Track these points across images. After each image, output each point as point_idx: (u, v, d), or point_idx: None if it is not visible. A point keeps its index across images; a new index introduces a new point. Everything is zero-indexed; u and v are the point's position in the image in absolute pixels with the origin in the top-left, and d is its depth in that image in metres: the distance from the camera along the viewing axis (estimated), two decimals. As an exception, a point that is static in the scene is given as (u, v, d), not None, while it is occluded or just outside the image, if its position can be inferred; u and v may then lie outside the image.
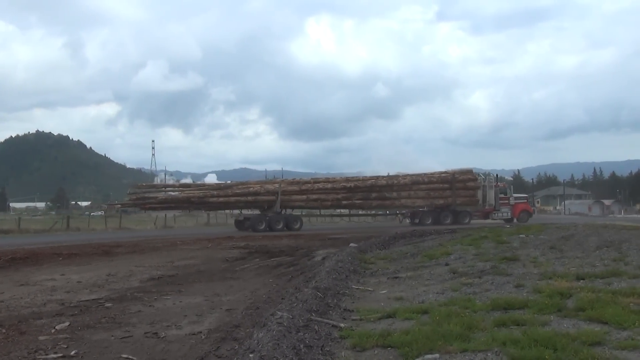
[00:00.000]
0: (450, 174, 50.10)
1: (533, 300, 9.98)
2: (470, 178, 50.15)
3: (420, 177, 50.13)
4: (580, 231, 24.11)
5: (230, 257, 22.73)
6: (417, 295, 11.61)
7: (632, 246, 17.77)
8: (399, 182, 48.93)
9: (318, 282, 12.80)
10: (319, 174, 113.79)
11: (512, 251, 18.62)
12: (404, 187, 48.62)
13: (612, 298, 9.76)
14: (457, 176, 49.70)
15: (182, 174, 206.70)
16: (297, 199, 46.90)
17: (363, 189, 47.79)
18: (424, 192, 48.67)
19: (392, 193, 48.30)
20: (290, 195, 46.51)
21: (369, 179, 49.95)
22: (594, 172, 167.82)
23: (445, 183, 49.28)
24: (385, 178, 49.93)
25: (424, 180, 49.47)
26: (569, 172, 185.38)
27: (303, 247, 26.34)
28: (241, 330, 9.26)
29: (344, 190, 47.49)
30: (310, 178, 52.23)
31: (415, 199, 48.57)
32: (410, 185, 48.78)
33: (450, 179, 49.24)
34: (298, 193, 46.94)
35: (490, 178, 53.07)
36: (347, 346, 7.68)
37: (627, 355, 6.78)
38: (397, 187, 48.52)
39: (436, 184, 49.32)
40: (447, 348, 7.17)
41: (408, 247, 23.67)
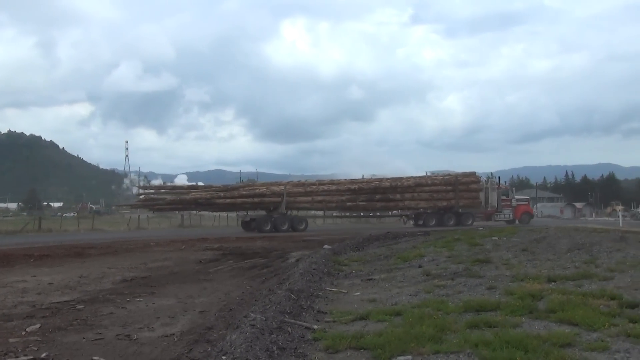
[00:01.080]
0: (454, 177, 50.87)
1: (505, 302, 10.05)
2: (473, 180, 50.92)
3: (423, 180, 51.14)
4: (552, 234, 24.30)
5: (204, 259, 22.66)
6: (391, 297, 11.65)
7: (602, 249, 17.95)
8: (402, 184, 49.62)
9: (292, 284, 12.78)
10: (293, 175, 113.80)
11: (484, 253, 18.73)
12: (408, 189, 49.35)
13: (583, 300, 9.87)
14: (460, 178, 50.42)
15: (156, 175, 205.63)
16: (302, 201, 47.75)
17: (367, 190, 48.58)
18: (427, 194, 49.35)
19: (395, 195, 49.06)
20: (295, 197, 47.39)
21: (373, 180, 50.86)
22: (566, 175, 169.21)
23: (448, 185, 49.92)
24: (389, 180, 50.56)
25: (428, 183, 50.33)
26: (541, 175, 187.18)
27: (277, 249, 26.33)
28: (214, 332, 9.23)
29: (349, 192, 48.42)
30: (315, 180, 52.96)
31: (418, 200, 49.25)
32: (414, 187, 49.50)
33: (453, 182, 49.90)
34: (303, 195, 47.92)
35: (493, 180, 54.48)
36: (320, 348, 7.68)
37: (596, 356, 6.86)
38: (400, 189, 49.25)
39: (439, 186, 50.04)
40: (420, 350, 7.20)
41: (382, 249, 23.73)
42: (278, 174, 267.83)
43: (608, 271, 13.55)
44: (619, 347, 7.18)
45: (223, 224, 66.66)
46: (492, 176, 55.51)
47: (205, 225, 65.95)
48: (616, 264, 14.73)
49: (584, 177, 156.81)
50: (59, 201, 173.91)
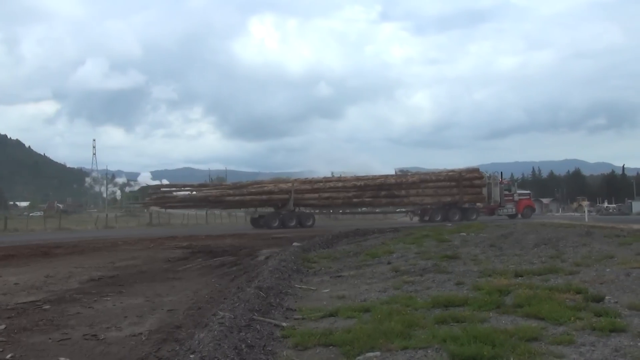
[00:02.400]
0: (457, 173, 51.54)
1: (473, 298, 10.13)
2: (477, 176, 51.83)
3: (428, 176, 52.24)
4: (519, 229, 24.59)
5: (173, 258, 22.50)
6: (360, 294, 11.67)
7: (568, 243, 18.19)
8: (407, 180, 50.75)
9: (261, 281, 12.76)
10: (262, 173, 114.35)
11: (453, 249, 18.88)
12: (413, 185, 50.31)
13: (549, 294, 9.97)
14: (464, 174, 51.23)
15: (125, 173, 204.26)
16: (309, 197, 48.77)
17: (373, 187, 49.60)
18: (431, 190, 50.23)
19: (401, 191, 49.92)
20: (302, 194, 48.46)
21: (379, 177, 51.78)
22: (532, 171, 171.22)
23: (452, 181, 50.76)
24: (394, 177, 51.92)
25: (432, 179, 51.29)
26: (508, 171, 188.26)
27: (247, 247, 26.26)
28: (182, 331, 9.17)
29: (355, 188, 49.35)
30: (322, 177, 53.76)
31: (423, 196, 50.09)
32: (419, 183, 50.48)
33: (457, 177, 50.69)
34: (310, 192, 48.97)
35: (496, 176, 54.91)
36: (289, 345, 7.67)
37: (562, 350, 6.93)
38: (405, 185, 50.27)
39: (444, 182, 50.91)
40: (388, 346, 7.21)
41: (351, 246, 23.81)
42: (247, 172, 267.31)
43: (574, 266, 13.73)
44: (584, 340, 7.26)
45: (192, 222, 66.39)
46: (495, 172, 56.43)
47: (175, 223, 65.60)
48: (582, 258, 14.94)
49: (550, 173, 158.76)
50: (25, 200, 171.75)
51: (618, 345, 6.98)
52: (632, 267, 12.42)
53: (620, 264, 13.29)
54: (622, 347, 6.93)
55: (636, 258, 14.14)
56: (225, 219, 75.76)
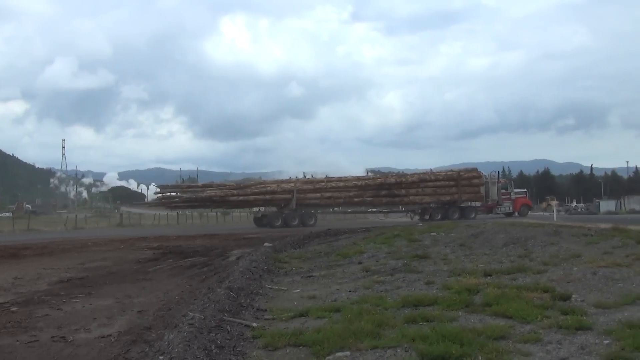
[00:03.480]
0: (456, 172, 52.75)
1: (442, 297, 10.21)
2: (475, 175, 52.95)
3: (427, 175, 53.19)
4: (489, 229, 24.74)
5: (143, 258, 22.40)
6: (330, 294, 11.70)
7: (537, 243, 18.36)
8: (407, 180, 52.01)
9: (231, 282, 12.74)
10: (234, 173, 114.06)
11: (423, 249, 18.99)
12: (412, 185, 51.40)
13: (517, 293, 10.08)
14: (463, 174, 52.24)
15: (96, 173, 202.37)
16: (311, 197, 49.61)
17: (373, 187, 50.68)
18: (431, 189, 51.24)
19: (401, 190, 50.89)
20: (305, 194, 49.31)
21: (379, 177, 53.94)
22: (502, 171, 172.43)
23: (451, 180, 51.72)
24: (394, 176, 53.68)
25: (431, 178, 52.31)
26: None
27: (218, 247, 26.21)
28: (152, 332, 9.14)
29: (356, 188, 50.36)
30: (324, 177, 54.38)
31: (423, 195, 51.13)
32: (418, 183, 51.57)
33: (456, 177, 51.67)
34: (312, 191, 49.92)
35: (493, 175, 56.50)
36: (259, 346, 7.67)
37: (529, 348, 7.01)
38: (405, 184, 51.39)
39: (443, 181, 51.95)
40: (358, 345, 7.25)
41: (322, 246, 23.85)
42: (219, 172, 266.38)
43: (542, 265, 13.88)
44: (551, 338, 7.36)
45: (163, 223, 66.02)
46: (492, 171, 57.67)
47: (145, 224, 65.22)
48: (550, 257, 15.11)
49: (520, 173, 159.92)
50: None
51: (584, 343, 7.09)
52: (598, 266, 12.59)
53: (587, 263, 13.46)
54: (588, 344, 7.04)
55: (603, 257, 14.33)
56: (196, 220, 75.41)
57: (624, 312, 8.60)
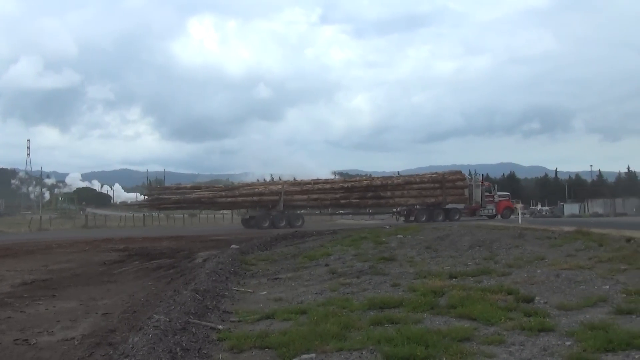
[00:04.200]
0: (441, 175, 53.35)
1: (408, 299, 10.26)
2: (459, 178, 53.78)
3: (412, 178, 54.26)
4: (455, 231, 24.91)
5: (109, 260, 22.21)
6: (297, 296, 11.71)
7: (501, 245, 18.55)
8: (392, 182, 52.58)
9: (198, 284, 12.69)
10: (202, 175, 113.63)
11: (390, 251, 19.07)
12: (398, 187, 51.92)
13: (482, 295, 10.18)
14: (447, 176, 52.93)
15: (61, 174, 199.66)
16: (298, 199, 50.47)
17: (360, 189, 51.27)
18: (416, 191, 51.67)
19: (386, 192, 51.41)
20: (292, 195, 49.94)
21: (365, 179, 55.14)
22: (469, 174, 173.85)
23: (435, 183, 52.28)
24: (380, 179, 54.06)
25: (416, 181, 53.02)
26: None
27: (184, 249, 26.05)
28: (117, 335, 9.08)
29: (342, 190, 50.97)
30: (311, 179, 54.68)
31: (408, 197, 51.52)
32: (404, 185, 52.12)
33: (440, 179, 52.27)
34: (299, 193, 50.58)
35: (477, 178, 57.44)
36: (225, 348, 7.65)
37: (493, 349, 7.09)
38: (391, 187, 51.91)
39: (427, 183, 52.56)
40: (324, 348, 7.27)
41: (289, 248, 23.84)
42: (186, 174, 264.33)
43: (506, 267, 14.02)
44: (514, 340, 7.45)
45: (129, 224, 65.47)
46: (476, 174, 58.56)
47: (111, 225, 64.63)
48: (514, 260, 15.26)
49: (486, 176, 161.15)
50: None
51: (546, 345, 7.19)
52: (561, 268, 12.76)
53: (550, 265, 13.62)
54: (550, 346, 7.14)
55: (566, 260, 14.51)
56: (163, 221, 74.87)
57: (586, 314, 8.73)
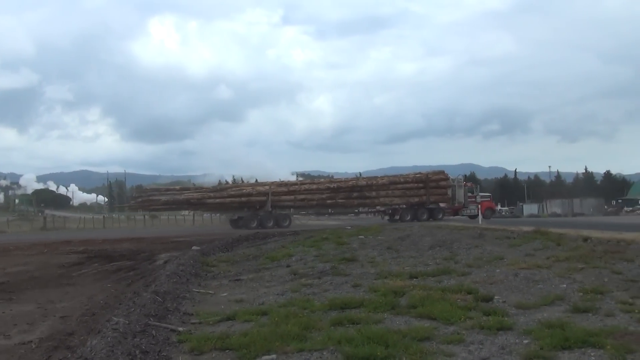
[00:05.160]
0: (424, 175, 53.90)
1: (369, 299, 10.32)
2: (443, 178, 54.28)
3: (397, 178, 54.57)
4: (416, 232, 25.09)
5: (67, 263, 21.91)
6: (258, 297, 11.70)
7: (462, 245, 18.72)
8: (377, 182, 53.16)
9: (158, 286, 12.61)
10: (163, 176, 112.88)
11: (351, 252, 19.13)
12: (382, 187, 52.52)
13: (442, 295, 10.29)
14: (431, 176, 53.47)
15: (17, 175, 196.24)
16: (285, 199, 50.63)
17: (345, 189, 51.91)
18: (400, 191, 52.24)
19: (371, 192, 51.97)
20: (279, 196, 50.29)
21: (350, 180, 55.71)
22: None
23: (419, 182, 52.86)
24: (365, 179, 55.19)
25: (400, 181, 53.49)
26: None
27: (145, 251, 25.80)
28: (75, 338, 8.97)
29: (328, 190, 51.63)
30: (297, 180, 57.38)
31: (392, 197, 52.08)
32: (388, 185, 52.68)
33: (424, 179, 52.87)
34: (287, 194, 50.94)
35: (460, 178, 57.96)
36: (185, 350, 7.61)
37: (452, 348, 7.16)
38: (376, 187, 52.50)
39: (412, 183, 53.11)
40: (285, 348, 7.27)
41: (251, 250, 23.79)
42: (147, 175, 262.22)
43: (466, 267, 14.16)
44: (473, 339, 7.54)
45: (89, 226, 64.76)
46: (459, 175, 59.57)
47: (70, 227, 63.82)
48: (474, 259, 15.42)
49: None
50: None
51: (504, 343, 7.28)
52: (520, 268, 12.92)
53: (509, 265, 13.79)
54: (508, 344, 7.24)
55: (524, 259, 14.70)
56: (123, 223, 74.15)
57: (543, 313, 8.88)
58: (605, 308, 8.93)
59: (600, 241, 16.89)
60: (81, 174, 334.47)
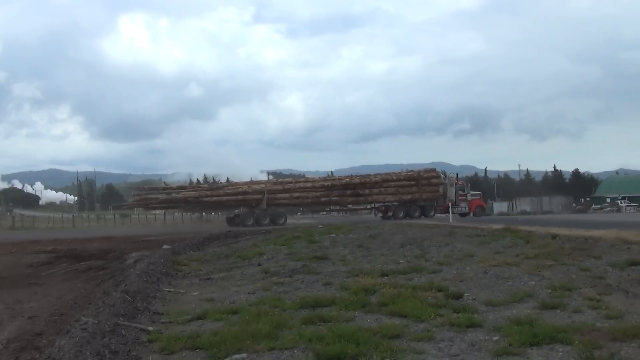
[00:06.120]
0: (416, 172, 54.91)
1: (340, 297, 10.35)
2: (434, 175, 55.40)
3: (389, 176, 55.42)
4: (387, 230, 25.19)
5: (36, 262, 21.69)
6: (229, 296, 11.66)
7: (432, 243, 18.83)
8: (370, 180, 53.60)
9: (128, 285, 12.51)
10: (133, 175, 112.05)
11: (322, 250, 19.15)
12: (375, 185, 53.11)
13: (412, 293, 10.34)
14: (423, 174, 54.41)
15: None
16: (281, 197, 51.43)
17: (339, 187, 52.69)
18: (393, 188, 53.01)
19: (365, 190, 52.68)
20: (275, 194, 51.11)
21: (344, 178, 56.11)
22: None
23: (412, 180, 53.75)
24: (358, 177, 55.25)
25: (393, 178, 54.34)
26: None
27: (115, 250, 25.62)
28: (43, 339, 8.88)
29: (322, 188, 52.41)
30: (292, 178, 58.55)
31: (385, 195, 52.98)
32: (381, 182, 53.33)
33: (416, 177, 53.79)
34: (282, 192, 51.91)
35: (451, 176, 59.17)
36: (155, 350, 7.57)
37: (422, 346, 7.20)
38: (369, 184, 53.11)
39: (404, 181, 53.93)
40: (255, 347, 7.26)
41: (222, 248, 23.71)
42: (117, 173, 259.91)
43: (437, 264, 14.26)
44: (444, 336, 7.59)
45: (58, 226, 64.09)
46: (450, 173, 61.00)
47: (39, 227, 63.11)
48: (444, 257, 15.53)
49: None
50: None
51: (474, 340, 7.35)
52: (490, 265, 13.03)
53: (479, 262, 13.90)
54: (478, 341, 7.30)
55: (494, 257, 14.83)
56: (93, 222, 73.49)
57: (512, 309, 8.97)
58: (573, 304, 9.05)
59: (569, 238, 17.11)
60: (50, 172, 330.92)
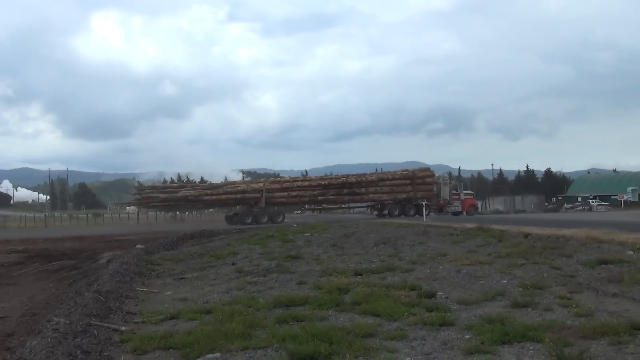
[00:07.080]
0: (411, 172, 56.05)
1: (313, 297, 10.37)
2: (429, 175, 56.53)
3: (385, 175, 57.06)
4: (361, 229, 25.28)
5: (7, 262, 21.45)
6: (202, 296, 11.65)
7: (406, 242, 18.94)
8: (366, 179, 54.95)
9: (100, 285, 12.42)
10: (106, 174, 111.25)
11: (296, 250, 19.18)
12: (371, 184, 54.36)
13: (386, 292, 10.38)
14: (417, 173, 55.72)
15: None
16: (279, 196, 52.14)
17: (336, 186, 53.54)
18: (388, 187, 54.25)
19: (361, 189, 53.72)
20: (273, 193, 51.94)
21: (341, 177, 56.75)
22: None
23: (406, 179, 54.86)
24: (354, 176, 56.16)
25: (389, 177, 55.64)
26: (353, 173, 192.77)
27: (87, 250, 25.44)
28: (14, 339, 8.80)
29: (319, 187, 53.26)
30: (290, 177, 57.82)
31: (381, 193, 54.09)
32: (377, 181, 54.71)
33: (411, 176, 54.95)
34: (280, 190, 52.71)
35: (445, 176, 60.37)
36: (128, 350, 7.53)
37: (395, 344, 7.24)
38: (365, 183, 54.31)
39: (399, 180, 54.98)
40: (229, 347, 7.25)
41: (196, 248, 23.65)
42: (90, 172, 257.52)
43: (410, 263, 14.34)
44: (416, 335, 7.63)
45: (30, 225, 63.36)
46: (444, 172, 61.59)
47: (10, 226, 62.34)
48: (417, 256, 15.63)
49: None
50: None
51: (447, 339, 7.40)
52: (462, 264, 13.15)
53: (452, 261, 14.02)
54: (450, 340, 7.36)
55: (467, 255, 14.96)
56: (65, 222, 72.76)
57: (485, 308, 9.05)
58: (544, 303, 9.15)
59: (540, 237, 17.30)
60: (22, 171, 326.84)
